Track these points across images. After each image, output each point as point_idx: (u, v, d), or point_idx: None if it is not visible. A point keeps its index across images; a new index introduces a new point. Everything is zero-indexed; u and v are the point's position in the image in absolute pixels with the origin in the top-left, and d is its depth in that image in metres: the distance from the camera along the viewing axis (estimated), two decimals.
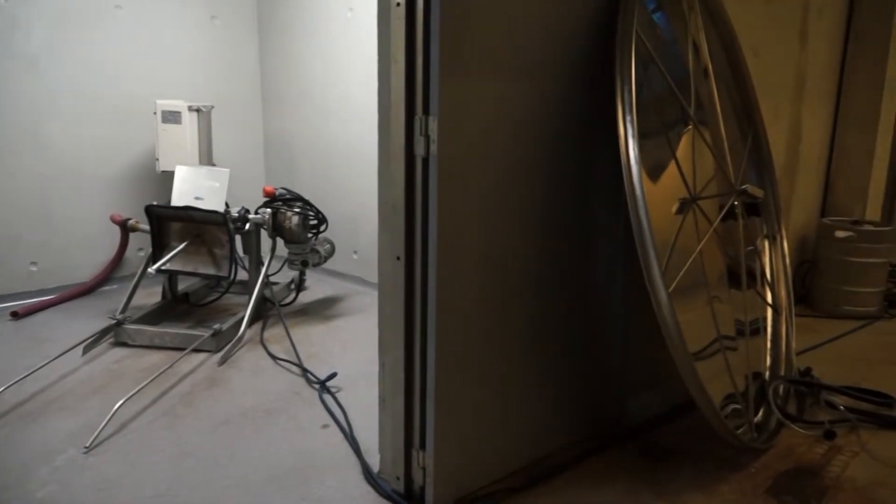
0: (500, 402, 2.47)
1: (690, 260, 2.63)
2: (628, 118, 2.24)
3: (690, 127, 2.94)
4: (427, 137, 2.08)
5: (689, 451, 2.84)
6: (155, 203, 4.25)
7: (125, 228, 4.62)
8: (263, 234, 4.39)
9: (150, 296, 4.75)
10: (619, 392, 3.01)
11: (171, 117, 4.70)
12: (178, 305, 4.59)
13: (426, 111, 2.07)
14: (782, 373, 3.42)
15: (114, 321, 3.90)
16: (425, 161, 2.11)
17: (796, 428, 3.02)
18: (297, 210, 4.30)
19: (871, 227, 4.76)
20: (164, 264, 4.07)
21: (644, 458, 2.78)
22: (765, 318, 3.53)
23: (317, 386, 3.41)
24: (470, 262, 2.25)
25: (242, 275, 4.53)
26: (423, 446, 2.33)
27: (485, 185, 2.24)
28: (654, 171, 2.75)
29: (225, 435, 2.93)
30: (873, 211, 5.31)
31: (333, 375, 3.46)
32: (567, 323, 2.67)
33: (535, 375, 2.58)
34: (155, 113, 4.73)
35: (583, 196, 2.62)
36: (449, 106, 2.06)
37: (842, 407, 3.20)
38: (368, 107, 2.23)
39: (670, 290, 2.34)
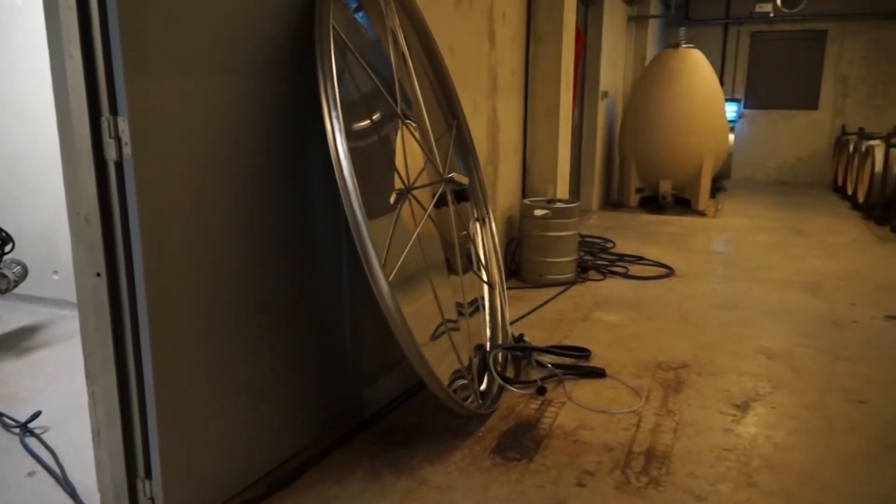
0: (233, 413, 2.37)
1: (409, 246, 2.76)
2: (334, 114, 2.28)
3: (399, 122, 3.08)
4: (118, 140, 1.90)
5: (425, 427, 3.01)
6: None
7: None
8: None
9: None
10: (356, 382, 3.07)
11: None
12: None
13: (114, 111, 1.89)
14: (500, 341, 3.77)
15: None
16: (119, 165, 1.93)
17: (514, 389, 3.36)
18: None
19: (561, 205, 5.43)
20: None
21: (384, 441, 2.87)
22: (483, 296, 3.85)
23: (16, 430, 2.95)
24: (183, 271, 2.11)
25: None
26: (148, 475, 2.14)
27: (193, 189, 2.12)
28: (368, 165, 2.84)
29: None
30: (563, 190, 6.08)
31: (37, 415, 3.03)
32: (296, 323, 2.65)
33: (268, 380, 2.52)
34: None
35: (301, 193, 2.61)
36: (141, 105, 1.91)
37: (549, 365, 3.62)
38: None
39: (391, 279, 2.44)
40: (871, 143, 8.84)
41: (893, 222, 7.86)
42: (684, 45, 8.89)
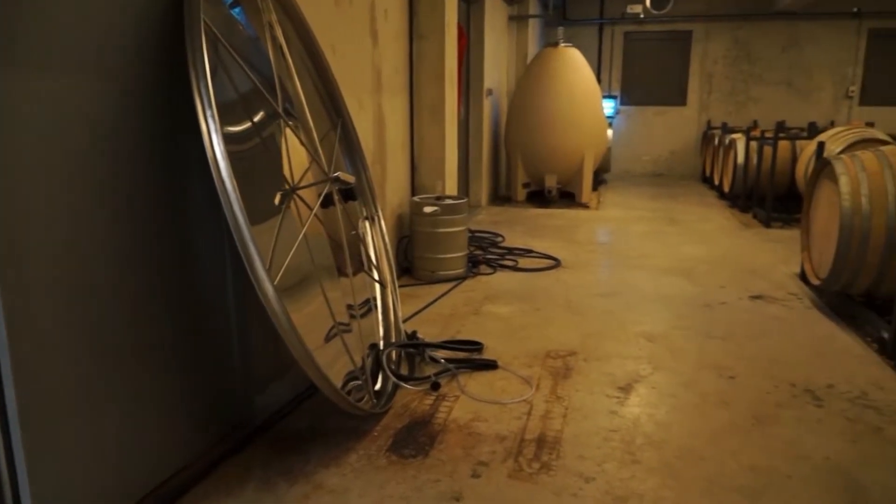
0: (110, 431, 2.23)
1: (294, 248, 2.70)
2: (209, 113, 2.19)
3: (281, 121, 3.01)
4: None
5: (320, 430, 2.96)
6: None
7: None
8: None
9: None
10: (246, 389, 2.97)
11: None
12: None
13: None
14: (394, 340, 3.77)
15: None
16: None
17: (408, 387, 3.37)
18: None
19: (450, 201, 5.49)
20: None
21: (277, 448, 2.81)
22: (375, 296, 3.83)
23: None
24: (46, 282, 1.96)
25: None
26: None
27: (56, 194, 1.97)
28: (251, 167, 2.75)
29: None
30: (451, 186, 6.15)
31: None
32: (175, 333, 2.52)
33: (147, 393, 2.39)
34: None
35: (179, 197, 2.49)
36: None
37: (443, 360, 3.66)
38: None
39: (277, 282, 2.38)
40: (734, 136, 9.52)
41: (755, 209, 8.51)
42: (563, 45, 9.22)
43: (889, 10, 11.98)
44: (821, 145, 6.05)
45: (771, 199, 7.97)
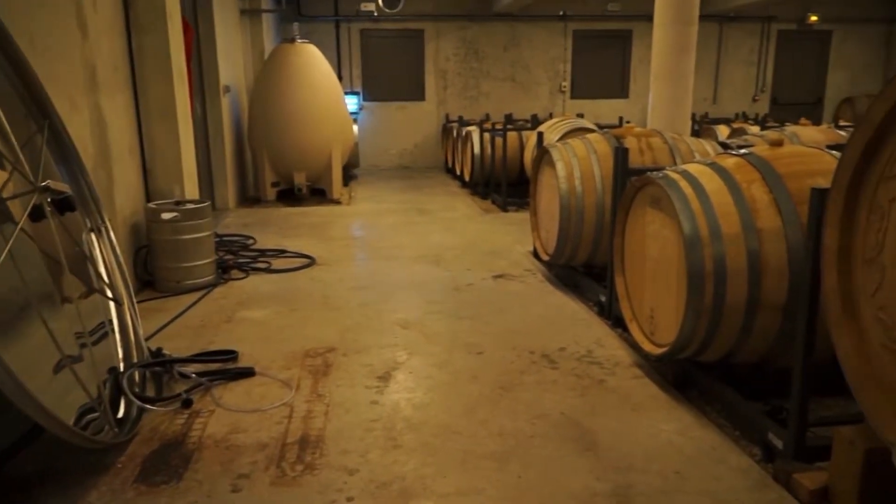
0: None
1: None
2: None
3: None
4: None
5: (51, 472, 2.61)
6: None
7: None
8: None
9: None
10: None
11: None
12: None
13: None
14: (136, 360, 3.45)
15: None
16: None
17: (155, 408, 3.11)
18: None
19: (192, 206, 5.17)
20: None
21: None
22: (111, 316, 3.47)
23: None
24: None
25: None
26: None
27: None
28: None
29: None
30: (192, 190, 5.78)
31: None
32: None
33: None
34: None
35: None
36: None
37: (193, 374, 3.44)
38: None
39: None
40: (469, 129, 10.21)
41: (493, 196, 9.22)
42: (300, 41, 9.12)
43: (589, 13, 13.72)
44: (540, 135, 6.72)
45: (505, 185, 8.68)
